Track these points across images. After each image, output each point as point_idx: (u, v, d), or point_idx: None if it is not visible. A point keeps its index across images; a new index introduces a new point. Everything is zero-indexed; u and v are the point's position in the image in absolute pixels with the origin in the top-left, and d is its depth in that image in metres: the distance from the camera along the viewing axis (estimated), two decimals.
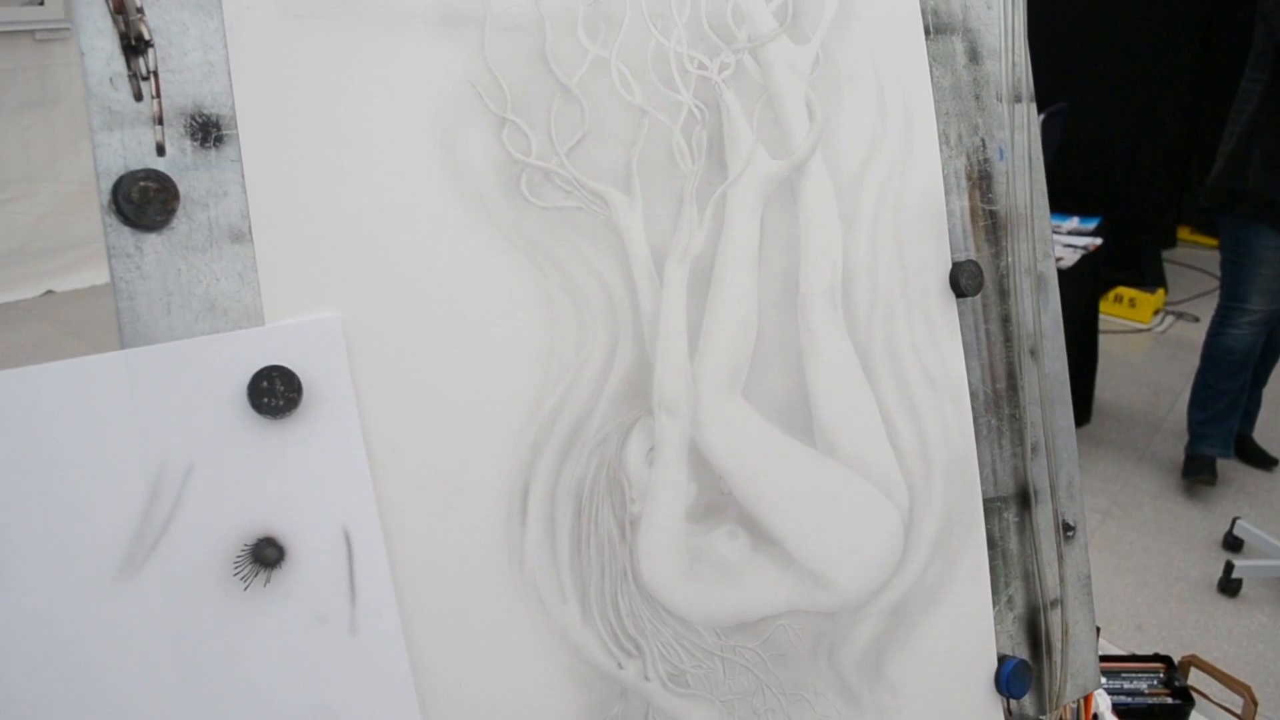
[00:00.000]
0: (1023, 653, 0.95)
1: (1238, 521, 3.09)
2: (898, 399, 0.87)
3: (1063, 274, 3.48)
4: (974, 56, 0.93)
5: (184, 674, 0.62)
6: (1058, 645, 0.97)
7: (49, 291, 5.04)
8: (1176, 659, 1.68)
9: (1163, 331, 4.91)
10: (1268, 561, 2.93)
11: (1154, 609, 2.85)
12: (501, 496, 0.71)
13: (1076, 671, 0.98)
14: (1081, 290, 3.65)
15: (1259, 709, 1.62)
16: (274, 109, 0.65)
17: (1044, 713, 0.97)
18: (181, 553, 0.62)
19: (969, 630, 0.91)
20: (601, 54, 0.75)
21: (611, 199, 0.75)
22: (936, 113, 0.90)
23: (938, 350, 0.89)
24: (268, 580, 0.64)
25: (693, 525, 0.78)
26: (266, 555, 0.64)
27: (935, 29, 0.91)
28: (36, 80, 5.14)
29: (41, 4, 4.92)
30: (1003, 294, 0.94)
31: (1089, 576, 0.99)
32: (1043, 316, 0.96)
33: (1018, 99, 0.95)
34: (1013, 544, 0.95)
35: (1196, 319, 5.00)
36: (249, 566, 0.64)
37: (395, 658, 0.67)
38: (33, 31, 4.91)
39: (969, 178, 0.93)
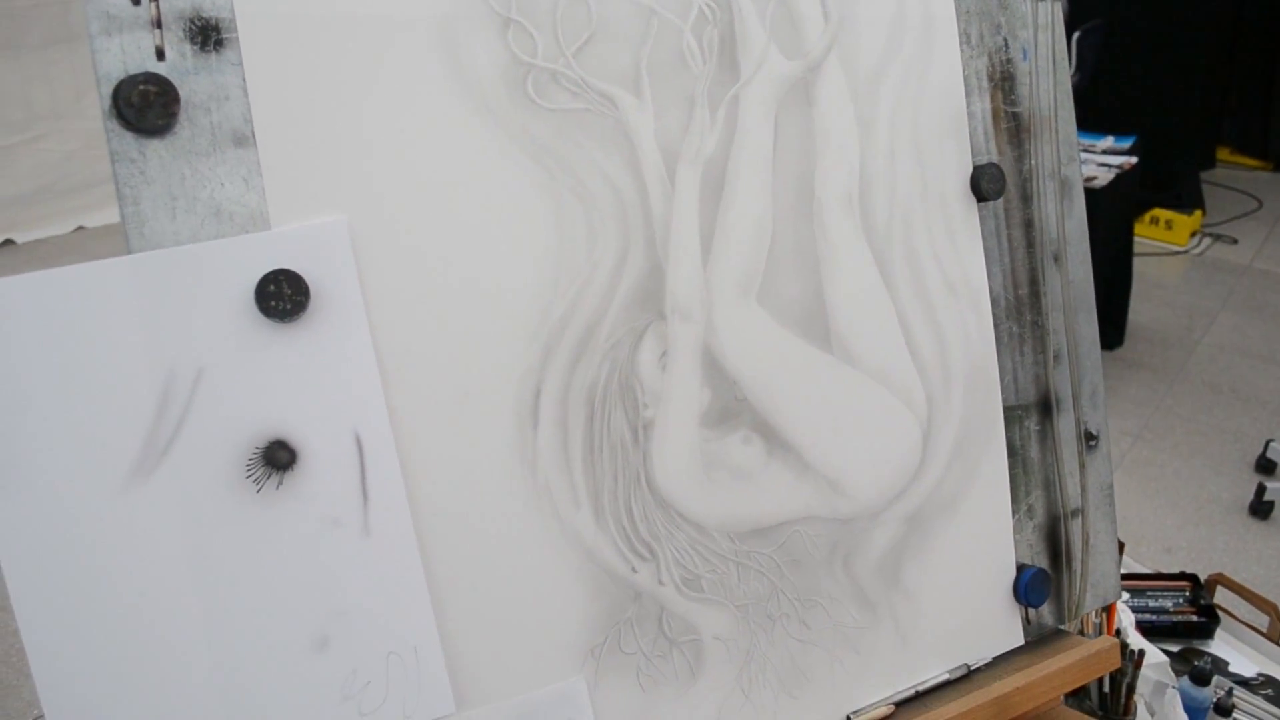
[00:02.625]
0: (1042, 562, 0.95)
1: (1270, 444, 3.06)
2: (917, 305, 0.86)
3: (1097, 193, 3.42)
4: None
5: (198, 575, 0.63)
6: (1078, 555, 0.96)
7: (79, 228, 5.07)
8: (1205, 577, 1.67)
9: (1200, 254, 4.83)
10: None
11: (1184, 531, 2.83)
12: (512, 401, 0.71)
13: (1097, 582, 0.98)
14: (1116, 211, 3.59)
15: None
16: (274, 12, 0.64)
17: (1063, 622, 0.97)
18: (193, 456, 0.62)
19: (987, 539, 0.91)
20: None
21: (620, 100, 0.73)
22: (957, 11, 0.87)
23: (958, 256, 0.88)
24: (280, 483, 0.65)
25: (707, 431, 0.78)
26: (278, 458, 0.65)
27: None
28: (60, 16, 5.12)
29: None
30: (1025, 198, 0.92)
31: (1111, 486, 0.99)
32: (1067, 222, 0.94)
33: None
34: (1034, 452, 0.94)
35: (1235, 241, 4.92)
36: (261, 469, 0.64)
37: (409, 560, 0.68)
38: None
39: (991, 78, 0.90)
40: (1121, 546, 1.24)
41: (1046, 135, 0.93)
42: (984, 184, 0.88)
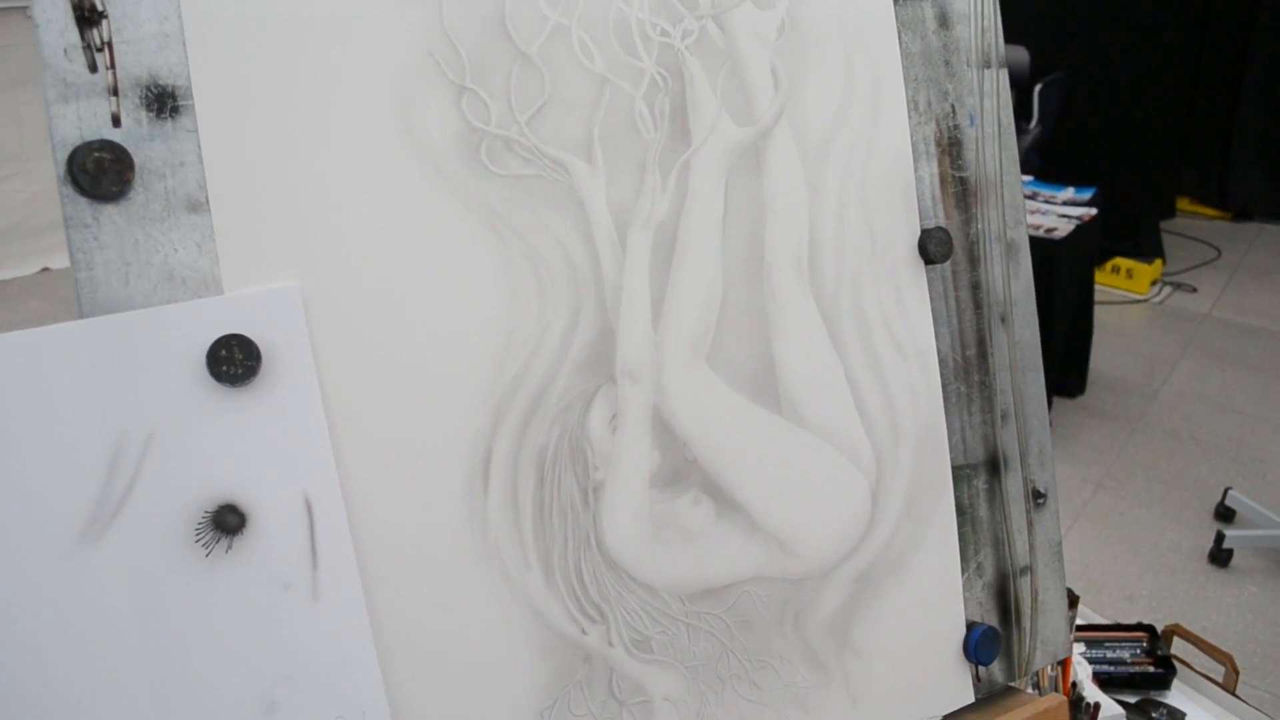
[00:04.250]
0: (992, 620, 0.96)
1: (1229, 492, 3.10)
2: (865, 366, 0.87)
3: (1058, 244, 3.47)
4: (944, 22, 0.93)
5: (146, 641, 0.63)
6: (1027, 612, 0.97)
7: (45, 269, 5.04)
8: (1162, 628, 1.69)
9: (1160, 302, 4.90)
10: (1259, 532, 2.94)
11: (1144, 579, 2.86)
12: (463, 463, 0.72)
13: (1047, 639, 0.99)
14: (1077, 260, 3.65)
15: (1242, 677, 1.63)
16: (230, 79, 0.65)
17: (1013, 679, 0.98)
18: (142, 520, 0.63)
19: (937, 597, 0.92)
20: (562, 21, 0.74)
21: (573, 167, 0.75)
22: (905, 79, 0.90)
23: (906, 317, 0.89)
24: (229, 547, 0.65)
25: (657, 492, 0.79)
26: (228, 522, 0.65)
27: None
28: (29, 57, 5.11)
29: None
30: (973, 261, 0.94)
31: (1059, 544, 1.00)
32: (1013, 284, 0.96)
33: (988, 65, 0.94)
34: (982, 511, 0.96)
35: (1194, 290, 5.00)
36: (210, 533, 0.64)
37: (357, 623, 0.68)
38: (25, 7, 4.89)
39: (939, 144, 0.93)
40: (1075, 600, 1.26)
41: (993, 199, 0.95)
42: (931, 247, 0.90)
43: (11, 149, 5.05)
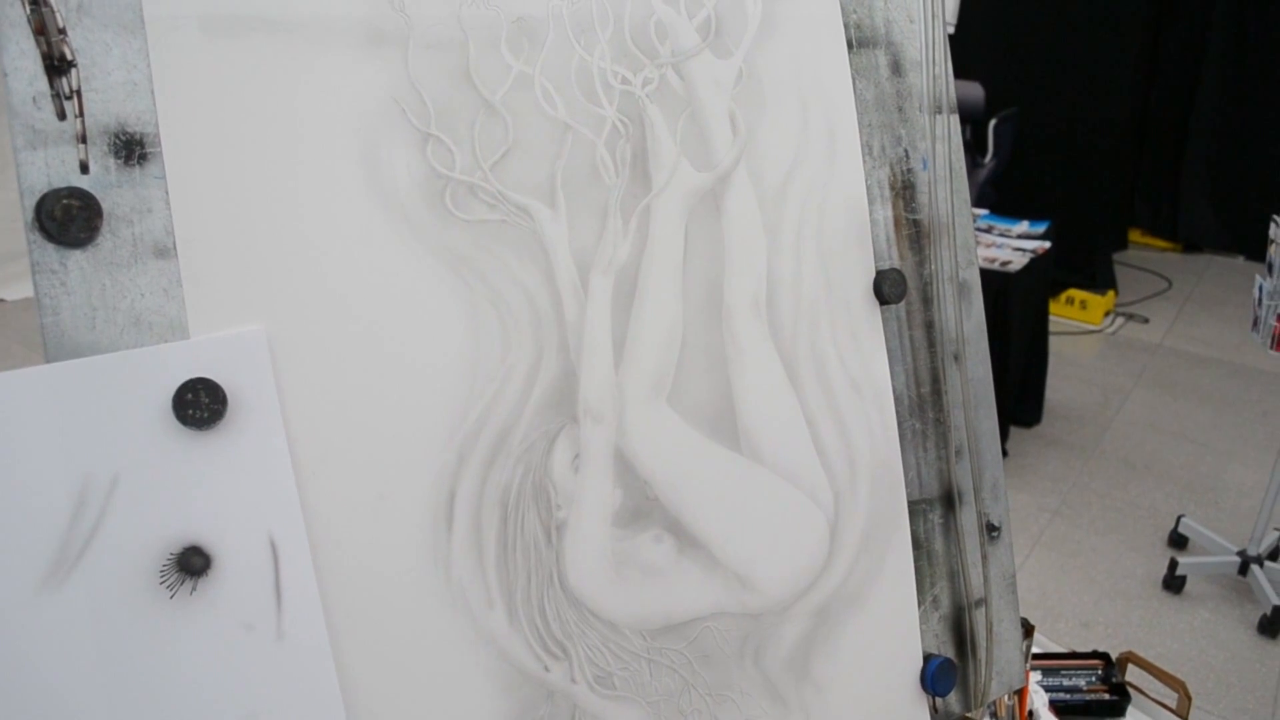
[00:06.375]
0: (948, 651, 0.98)
1: (1182, 519, 3.15)
2: (822, 405, 0.89)
3: (1012, 277, 3.53)
4: (897, 69, 0.96)
5: (110, 682, 0.63)
6: (982, 644, 0.99)
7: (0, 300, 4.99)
8: (1116, 655, 1.72)
9: (1113, 333, 4.99)
10: (1210, 558, 3.00)
11: (1100, 606, 2.90)
12: (428, 503, 0.73)
13: (1002, 669, 1.01)
14: (1032, 293, 3.71)
15: (1195, 703, 1.66)
16: (198, 126, 0.66)
17: (969, 710, 1.00)
18: (107, 563, 0.63)
19: (894, 630, 0.94)
20: (525, 70, 0.76)
21: (536, 212, 0.77)
22: (860, 124, 0.93)
23: (862, 356, 0.92)
24: (194, 588, 0.65)
25: (619, 530, 0.80)
26: (193, 563, 0.65)
27: (858, 42, 0.94)
28: None
29: None
30: (926, 301, 0.97)
31: (1013, 575, 1.02)
32: (966, 323, 0.99)
33: (939, 110, 0.97)
34: (938, 545, 0.98)
35: (1146, 320, 5.10)
36: (175, 575, 0.65)
37: (321, 663, 0.69)
38: None
39: (892, 188, 0.95)
40: (1031, 629, 1.28)
41: (945, 241, 0.98)
42: (886, 288, 0.92)
43: None
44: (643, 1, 0.81)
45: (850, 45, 0.93)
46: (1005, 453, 3.75)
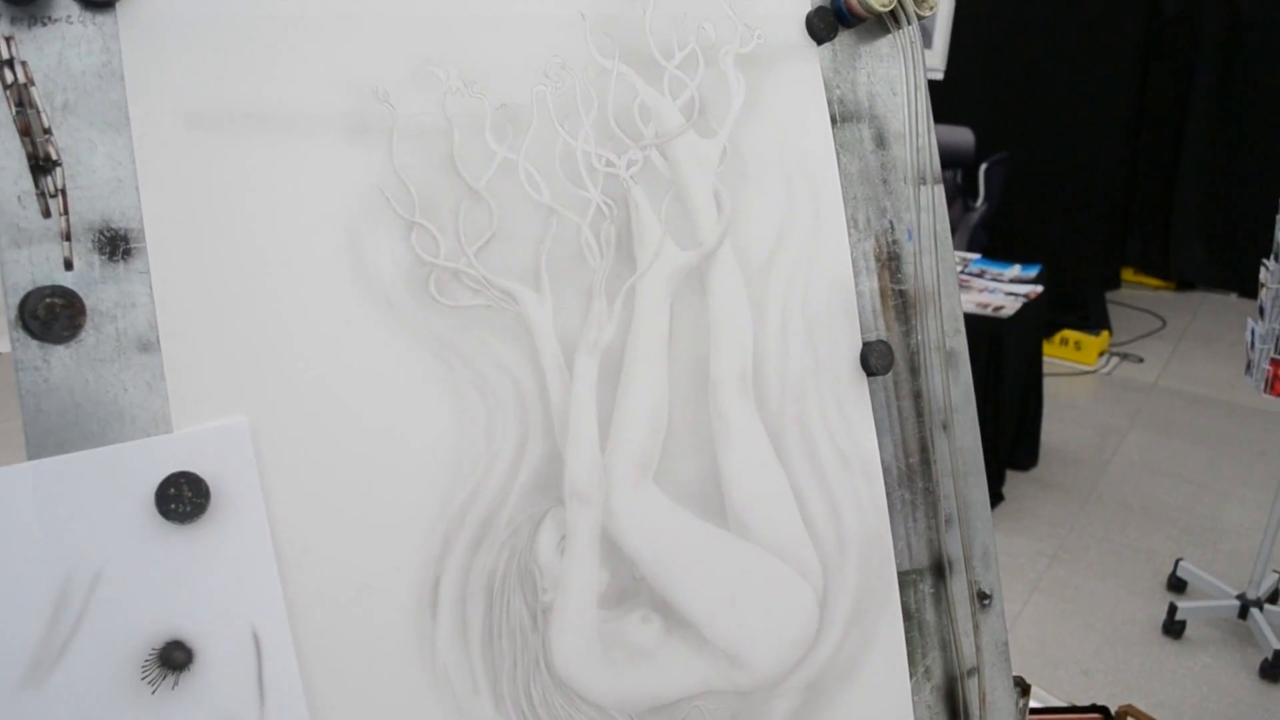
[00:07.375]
0: None
1: (1180, 563, 3.14)
2: (810, 478, 0.89)
3: (1006, 322, 3.54)
4: (880, 142, 0.97)
5: None
6: (975, 713, 0.99)
7: None
8: (1117, 706, 1.70)
9: (1108, 373, 5.00)
10: (1210, 602, 2.98)
11: (1100, 653, 2.88)
12: (412, 590, 0.73)
13: None
14: (1025, 338, 3.72)
15: None
16: (183, 221, 0.67)
17: None
18: (88, 660, 0.63)
19: (886, 703, 0.93)
20: (509, 155, 0.77)
21: (520, 296, 0.77)
22: (845, 198, 0.93)
23: (849, 429, 0.92)
24: (176, 683, 0.65)
25: (605, 611, 0.80)
26: (175, 658, 0.65)
27: (842, 117, 0.94)
28: None
29: None
30: (914, 371, 0.97)
31: (1006, 643, 1.02)
32: (953, 391, 0.99)
33: (923, 181, 0.98)
34: (929, 615, 0.97)
35: (1141, 360, 5.11)
36: (157, 670, 0.65)
37: None
38: None
39: (878, 259, 0.96)
40: (1027, 688, 1.27)
41: (931, 311, 0.98)
42: (873, 360, 0.92)
43: None
44: (626, 85, 0.82)
45: (834, 120, 0.93)
46: (1001, 496, 3.74)
